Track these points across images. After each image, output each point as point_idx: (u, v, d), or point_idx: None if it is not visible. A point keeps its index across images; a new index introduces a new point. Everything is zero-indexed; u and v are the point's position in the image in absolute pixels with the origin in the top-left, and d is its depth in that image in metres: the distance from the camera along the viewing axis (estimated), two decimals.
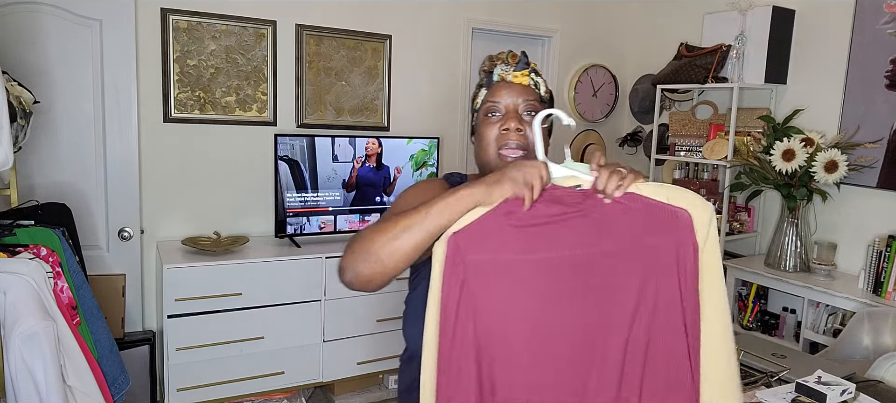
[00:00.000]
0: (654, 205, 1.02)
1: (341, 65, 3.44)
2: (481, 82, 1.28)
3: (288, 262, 2.93)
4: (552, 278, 0.99)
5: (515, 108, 1.21)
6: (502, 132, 1.20)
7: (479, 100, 1.27)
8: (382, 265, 1.03)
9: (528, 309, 0.99)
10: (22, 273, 1.74)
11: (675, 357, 1.01)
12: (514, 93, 1.21)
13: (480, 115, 1.25)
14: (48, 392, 1.72)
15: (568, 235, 1.00)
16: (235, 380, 2.88)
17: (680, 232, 1.00)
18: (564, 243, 0.99)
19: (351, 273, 1.07)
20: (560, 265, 0.99)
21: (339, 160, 3.24)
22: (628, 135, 4.42)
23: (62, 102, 2.77)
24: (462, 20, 3.75)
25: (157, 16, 2.97)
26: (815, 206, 3.24)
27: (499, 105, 1.22)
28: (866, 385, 1.77)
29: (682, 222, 1.01)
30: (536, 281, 0.99)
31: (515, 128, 1.19)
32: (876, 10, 3.00)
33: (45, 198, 2.68)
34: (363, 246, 1.05)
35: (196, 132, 3.12)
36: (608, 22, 4.31)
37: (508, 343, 0.99)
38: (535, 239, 0.99)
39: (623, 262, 1.00)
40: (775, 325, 3.34)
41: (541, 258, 0.99)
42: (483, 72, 1.29)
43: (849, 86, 3.12)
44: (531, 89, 1.23)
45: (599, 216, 1.01)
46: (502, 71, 1.23)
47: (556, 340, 1.00)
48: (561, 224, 1.00)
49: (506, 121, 1.20)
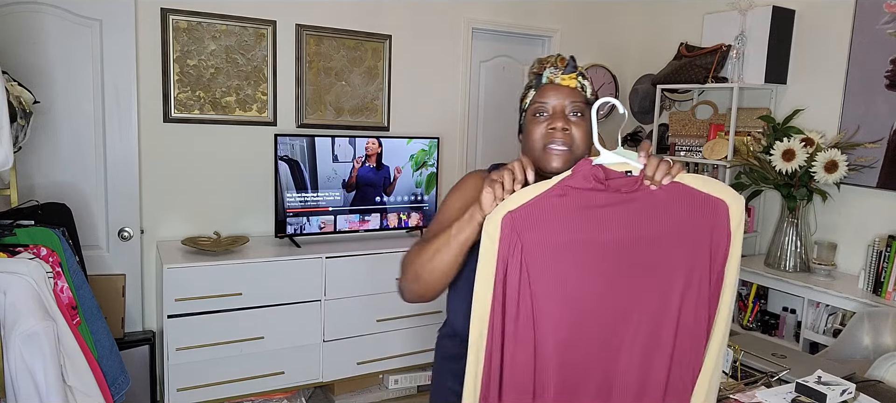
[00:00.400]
0: (696, 194, 1.12)
1: (341, 65, 3.44)
2: (530, 84, 1.35)
3: (288, 262, 2.93)
4: (601, 258, 1.09)
5: (562, 109, 1.28)
6: (549, 131, 1.27)
7: (528, 100, 1.34)
8: (429, 284, 1.24)
9: (578, 286, 1.09)
10: (22, 273, 1.74)
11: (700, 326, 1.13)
12: (561, 95, 1.28)
13: (528, 115, 1.32)
14: (48, 392, 1.72)
15: (617, 219, 1.09)
16: (235, 380, 2.88)
17: (718, 218, 1.12)
18: (614, 226, 1.09)
19: (408, 294, 1.30)
20: (608, 246, 1.09)
21: (339, 160, 3.24)
22: (628, 135, 4.42)
23: (62, 102, 2.77)
24: (462, 20, 3.76)
25: (157, 16, 2.97)
26: (815, 206, 3.24)
27: (546, 105, 1.29)
28: (866, 385, 1.77)
29: (720, 210, 1.12)
30: (586, 259, 1.08)
31: (561, 127, 1.26)
32: (876, 10, 3.00)
33: (45, 197, 2.68)
34: (411, 269, 1.25)
35: (196, 132, 3.12)
36: (608, 22, 4.31)
37: (558, 318, 1.09)
38: (586, 221, 1.08)
39: (669, 245, 1.10)
40: (775, 325, 3.34)
41: (591, 239, 1.08)
42: (532, 74, 1.36)
43: (849, 86, 3.12)
44: (578, 92, 1.30)
45: (647, 202, 1.11)
46: (551, 73, 1.30)
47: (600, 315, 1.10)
48: (611, 208, 1.09)
49: (553, 120, 1.27)
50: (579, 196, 1.09)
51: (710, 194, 1.12)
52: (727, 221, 1.12)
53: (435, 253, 1.20)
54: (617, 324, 1.11)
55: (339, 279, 3.05)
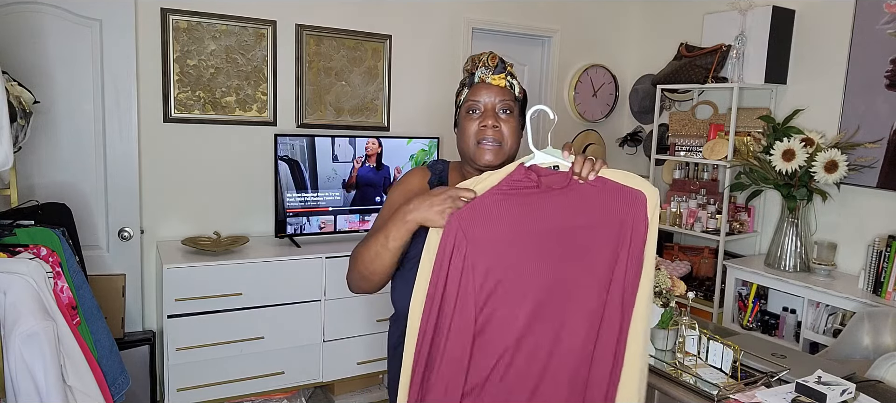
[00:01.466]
0: (618, 187, 1.26)
1: (341, 65, 3.44)
2: (464, 81, 1.44)
3: (288, 262, 2.93)
4: (539, 246, 1.21)
5: (493, 107, 1.38)
6: (481, 128, 1.37)
7: (462, 97, 1.43)
8: (372, 280, 1.36)
9: (519, 272, 1.20)
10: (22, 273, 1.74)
11: (628, 300, 1.26)
12: (492, 94, 1.38)
13: (462, 111, 1.42)
14: (48, 392, 1.72)
15: (551, 210, 1.23)
16: (235, 380, 2.88)
17: (637, 208, 1.25)
18: (548, 217, 1.23)
19: (355, 288, 1.43)
20: (545, 235, 1.22)
21: (339, 160, 3.24)
22: (628, 135, 4.42)
23: (62, 102, 2.77)
24: (462, 20, 3.76)
25: (157, 16, 2.97)
26: (815, 206, 3.24)
27: (479, 103, 1.38)
28: (866, 385, 1.77)
29: (639, 201, 1.26)
30: (526, 249, 1.21)
31: (492, 124, 1.36)
32: (876, 10, 3.00)
33: (45, 197, 2.68)
34: (355, 267, 1.38)
35: (196, 132, 3.12)
36: (608, 22, 4.31)
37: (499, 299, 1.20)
38: (524, 214, 1.22)
39: (598, 232, 1.24)
40: (775, 325, 3.34)
41: (529, 229, 1.21)
42: (466, 71, 1.45)
43: (849, 86, 3.12)
44: (507, 90, 1.39)
45: (576, 195, 1.25)
46: (482, 73, 1.40)
47: (539, 297, 1.21)
48: (546, 202, 1.23)
49: (484, 118, 1.37)
50: (517, 193, 1.23)
51: (630, 187, 1.26)
52: (645, 210, 1.25)
53: (375, 257, 1.31)
54: (556, 303, 1.23)
55: (339, 279, 3.05)
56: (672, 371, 1.84)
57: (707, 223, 3.56)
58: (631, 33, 4.39)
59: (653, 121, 3.93)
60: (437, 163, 1.52)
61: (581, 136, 4.30)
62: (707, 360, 1.85)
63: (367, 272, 1.34)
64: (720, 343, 1.82)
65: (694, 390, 1.74)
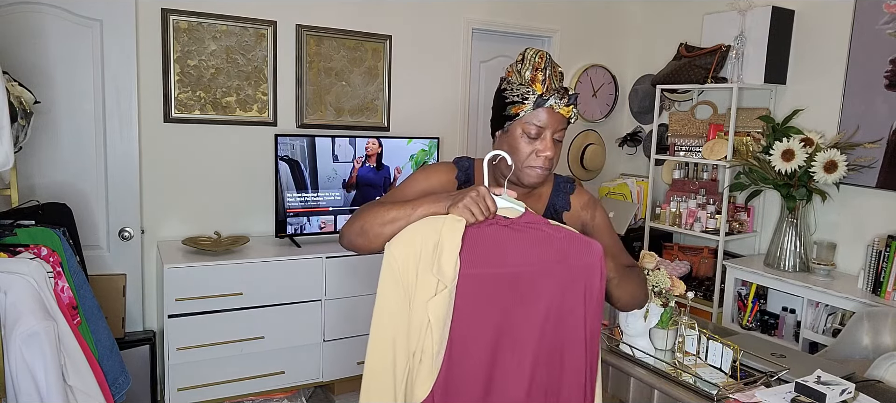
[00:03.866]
0: (573, 235, 1.28)
1: (341, 65, 3.44)
2: (525, 95, 1.35)
3: (288, 262, 2.93)
4: (495, 288, 1.23)
5: (552, 134, 1.37)
6: (536, 156, 1.36)
7: (522, 112, 1.35)
8: (370, 242, 1.32)
9: (473, 313, 1.22)
10: (22, 273, 1.75)
11: (575, 366, 1.29)
12: (556, 122, 1.36)
13: (518, 127, 1.37)
14: (49, 392, 1.72)
15: (508, 254, 1.24)
16: (235, 380, 2.88)
17: (592, 258, 1.27)
18: (505, 260, 1.23)
19: (347, 241, 1.39)
20: (501, 277, 1.23)
21: (339, 160, 3.24)
22: (628, 135, 4.43)
23: (63, 102, 2.77)
24: (462, 20, 3.76)
25: (157, 16, 2.97)
26: (814, 206, 3.24)
27: (542, 129, 1.36)
28: (866, 384, 1.77)
29: (594, 251, 1.27)
30: (482, 289, 1.22)
31: (548, 155, 1.36)
32: (876, 10, 3.00)
33: (45, 197, 2.68)
34: (361, 223, 1.34)
35: (196, 132, 3.12)
36: (608, 22, 4.31)
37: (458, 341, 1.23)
38: (482, 255, 1.22)
39: (547, 278, 1.25)
40: (775, 325, 3.34)
41: (487, 272, 1.22)
42: (528, 83, 1.36)
43: (848, 87, 3.13)
44: (566, 119, 1.39)
45: (533, 239, 1.25)
46: (555, 103, 1.35)
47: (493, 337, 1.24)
48: (505, 244, 1.24)
49: (543, 143, 1.36)
50: (477, 233, 1.23)
51: (584, 236, 1.29)
52: (602, 262, 1.28)
53: (391, 221, 1.28)
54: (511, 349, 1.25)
55: (339, 279, 3.05)
56: (672, 371, 1.84)
57: (706, 223, 3.56)
58: (631, 33, 4.39)
59: (652, 122, 3.93)
60: (462, 161, 1.52)
61: (581, 136, 4.31)
62: (707, 360, 1.86)
63: (374, 230, 1.30)
64: (720, 342, 1.82)
65: (693, 390, 1.74)
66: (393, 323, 1.22)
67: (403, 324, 1.22)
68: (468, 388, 1.24)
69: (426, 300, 1.20)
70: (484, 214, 1.22)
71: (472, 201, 1.22)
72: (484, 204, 1.22)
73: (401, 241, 1.23)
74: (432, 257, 1.20)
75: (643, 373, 1.88)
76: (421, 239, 1.22)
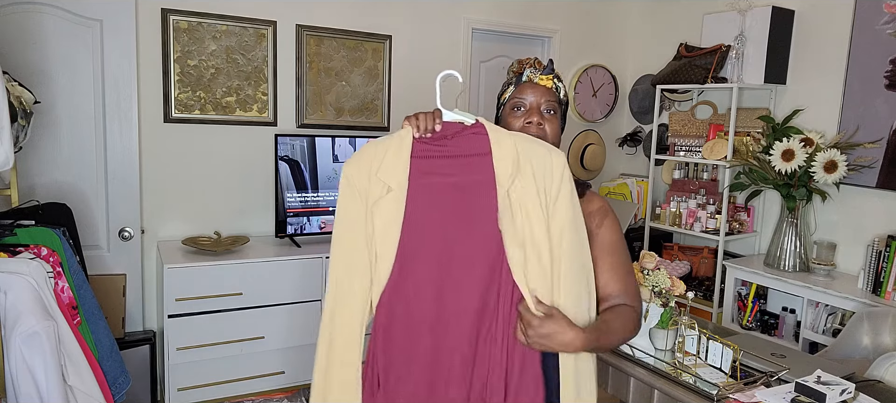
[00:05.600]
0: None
1: (341, 65, 3.44)
2: (510, 81, 1.46)
3: (288, 262, 2.93)
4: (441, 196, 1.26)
5: (538, 106, 1.39)
6: (526, 125, 1.38)
7: (507, 95, 1.44)
8: None
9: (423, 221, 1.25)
10: (23, 273, 1.75)
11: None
12: (538, 93, 1.40)
13: (507, 108, 1.44)
14: (49, 392, 1.72)
15: (453, 166, 1.27)
16: (235, 380, 2.88)
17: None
18: (450, 171, 1.27)
19: None
20: (446, 187, 1.26)
21: (339, 160, 3.24)
22: (628, 135, 4.43)
23: (63, 102, 2.77)
24: (462, 20, 3.76)
25: (157, 16, 2.97)
26: (814, 206, 3.24)
27: (524, 101, 1.40)
28: (866, 384, 1.77)
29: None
30: (429, 197, 1.26)
31: (537, 122, 1.38)
32: (876, 10, 3.00)
33: (45, 197, 2.68)
34: None
35: (196, 132, 3.12)
36: (608, 22, 4.31)
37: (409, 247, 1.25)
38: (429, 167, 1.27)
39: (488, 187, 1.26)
40: (775, 325, 3.34)
41: (434, 181, 1.26)
42: (512, 72, 1.47)
43: (848, 87, 3.12)
44: (553, 92, 1.41)
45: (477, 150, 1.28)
46: (531, 73, 1.42)
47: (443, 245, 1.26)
48: (449, 158, 1.28)
49: (529, 115, 1.39)
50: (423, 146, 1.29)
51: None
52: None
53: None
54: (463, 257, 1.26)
55: None
56: (672, 371, 1.84)
57: (706, 223, 3.56)
58: (631, 33, 4.39)
59: (652, 122, 3.93)
60: None
61: (581, 136, 4.30)
62: (707, 360, 1.86)
63: None
64: (720, 342, 1.82)
65: (693, 389, 1.74)
66: (353, 231, 1.27)
67: (362, 232, 1.26)
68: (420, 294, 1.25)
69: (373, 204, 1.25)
70: (426, 125, 1.29)
71: (423, 115, 1.31)
72: (430, 118, 1.31)
73: (354, 159, 1.29)
74: (380, 164, 1.27)
75: (643, 373, 1.88)
76: (372, 152, 1.29)
